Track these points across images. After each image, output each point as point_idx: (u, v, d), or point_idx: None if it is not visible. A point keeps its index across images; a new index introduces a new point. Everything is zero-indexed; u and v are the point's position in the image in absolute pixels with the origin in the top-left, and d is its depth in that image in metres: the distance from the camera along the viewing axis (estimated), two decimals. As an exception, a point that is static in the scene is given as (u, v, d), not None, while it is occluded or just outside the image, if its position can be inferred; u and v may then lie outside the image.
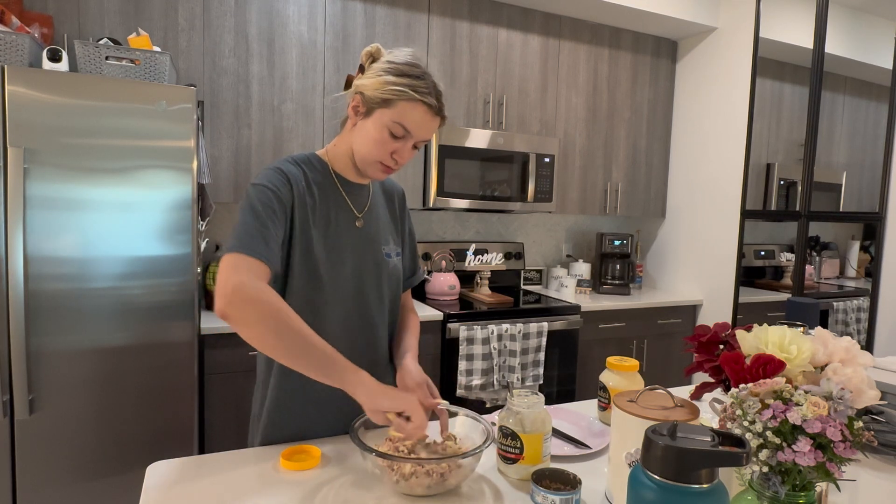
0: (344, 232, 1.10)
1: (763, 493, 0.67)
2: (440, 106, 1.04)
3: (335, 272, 1.09)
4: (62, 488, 1.79)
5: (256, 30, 2.34)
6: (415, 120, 1.02)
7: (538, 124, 2.96)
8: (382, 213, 1.20)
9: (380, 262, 1.15)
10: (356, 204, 1.14)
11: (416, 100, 1.00)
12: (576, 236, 3.56)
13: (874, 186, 2.44)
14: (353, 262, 1.11)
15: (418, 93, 1.00)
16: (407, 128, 1.02)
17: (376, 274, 1.14)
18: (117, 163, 1.78)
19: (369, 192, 1.18)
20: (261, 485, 0.93)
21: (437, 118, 1.05)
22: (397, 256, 1.20)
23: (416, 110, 1.01)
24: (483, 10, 2.77)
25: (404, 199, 1.28)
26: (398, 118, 1.01)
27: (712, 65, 3.11)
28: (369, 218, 1.15)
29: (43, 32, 1.93)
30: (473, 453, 0.88)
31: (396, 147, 1.04)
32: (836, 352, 0.80)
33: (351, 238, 1.11)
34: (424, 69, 1.04)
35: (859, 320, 2.51)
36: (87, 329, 1.79)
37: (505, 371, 2.53)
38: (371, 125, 1.03)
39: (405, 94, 1.00)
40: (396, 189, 1.27)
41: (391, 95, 1.00)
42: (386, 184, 1.25)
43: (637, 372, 1.22)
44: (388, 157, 1.05)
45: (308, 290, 1.07)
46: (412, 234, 1.30)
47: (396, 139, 1.03)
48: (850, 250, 2.60)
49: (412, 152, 1.07)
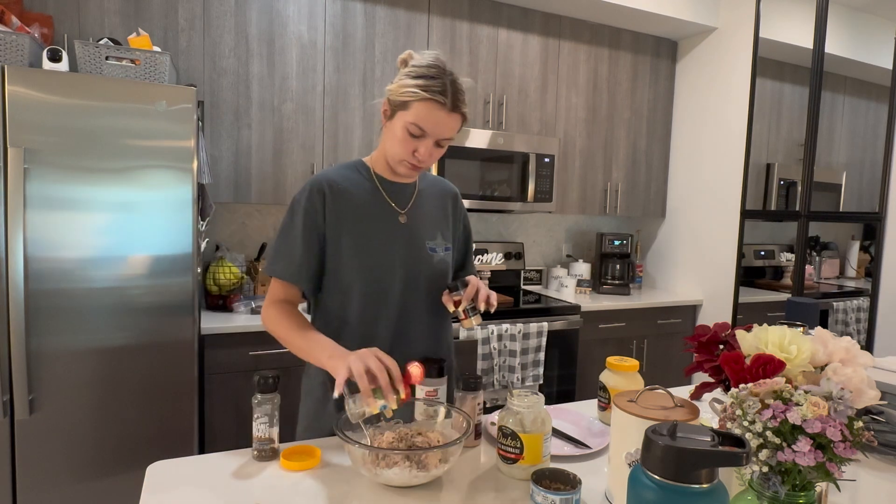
0: (385, 226, 1.18)
1: (763, 493, 0.67)
2: (455, 103, 1.08)
3: (376, 261, 1.16)
4: (62, 488, 1.79)
5: (256, 30, 2.34)
6: (428, 118, 1.07)
7: (538, 124, 2.96)
8: (431, 210, 1.27)
9: (423, 256, 1.21)
10: (398, 201, 1.21)
11: (427, 99, 1.06)
12: (576, 236, 3.56)
13: (874, 186, 2.44)
14: (400, 254, 1.18)
15: (429, 92, 1.05)
16: (422, 127, 1.07)
17: (419, 265, 1.20)
18: (117, 163, 1.78)
19: (413, 191, 1.25)
20: (261, 485, 0.93)
21: (454, 115, 1.09)
22: (445, 251, 1.26)
23: (427, 109, 1.06)
24: (483, 10, 2.77)
25: (457, 199, 1.34)
26: (413, 118, 1.07)
27: (712, 65, 3.11)
28: (414, 214, 1.22)
29: (43, 32, 1.93)
30: (454, 444, 0.88)
31: (417, 145, 1.10)
32: (836, 352, 0.80)
33: (394, 232, 1.19)
34: (443, 69, 1.09)
35: (859, 320, 2.51)
36: (87, 329, 1.79)
37: (505, 371, 2.53)
38: (395, 127, 1.10)
39: (417, 94, 1.06)
40: (450, 190, 1.34)
41: (407, 97, 1.07)
42: (440, 184, 1.33)
43: (637, 372, 1.23)
44: (411, 155, 1.11)
45: (349, 279, 1.16)
46: (468, 232, 1.37)
47: (415, 138, 1.09)
48: (850, 250, 2.60)
49: (436, 150, 1.12)
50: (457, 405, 1.07)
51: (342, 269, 1.16)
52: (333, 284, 1.18)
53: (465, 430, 0.95)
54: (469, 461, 1.04)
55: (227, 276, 2.30)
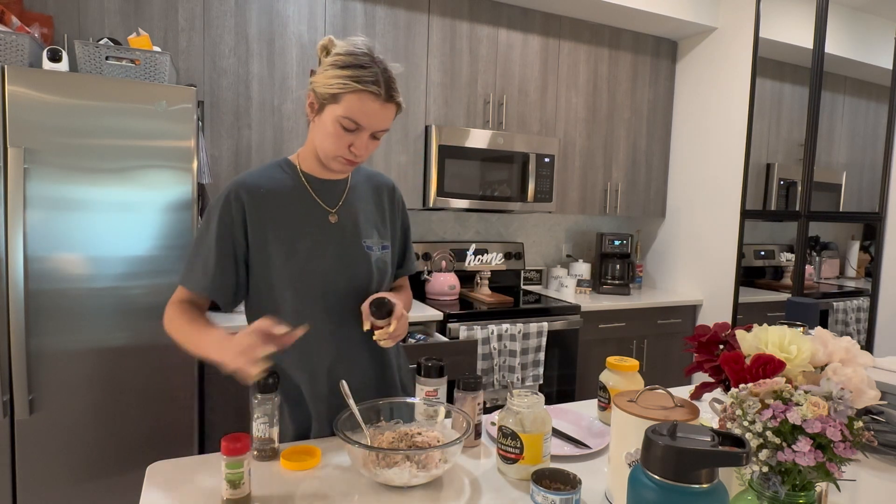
0: (315, 228, 1.11)
1: (763, 493, 0.67)
2: (389, 93, 1.02)
3: (307, 266, 1.10)
4: (62, 488, 1.79)
5: (256, 30, 2.34)
6: (362, 111, 1.00)
7: (538, 124, 2.96)
8: (365, 206, 1.19)
9: (359, 256, 1.14)
10: (328, 200, 1.14)
11: (360, 90, 0.99)
12: (576, 236, 3.56)
13: (874, 186, 2.44)
14: (332, 255, 1.12)
15: (362, 83, 0.99)
16: (356, 120, 1.01)
17: (355, 265, 1.14)
18: (117, 163, 1.78)
19: (345, 187, 1.18)
20: (261, 485, 0.93)
21: (389, 105, 1.03)
22: (383, 250, 1.19)
23: (361, 101, 1.00)
24: (483, 10, 2.77)
25: (394, 192, 1.27)
26: (346, 112, 1.00)
27: (712, 65, 3.11)
28: (345, 213, 1.15)
29: (43, 32, 1.93)
30: (454, 443, 0.88)
31: (352, 140, 1.04)
32: (836, 352, 0.80)
33: (325, 233, 1.12)
34: (372, 56, 1.02)
35: (859, 320, 2.51)
36: (87, 329, 1.79)
37: (505, 371, 2.53)
38: (325, 121, 1.04)
39: (349, 86, 0.99)
40: (386, 183, 1.26)
41: (337, 90, 1.00)
42: (375, 178, 1.25)
43: (637, 372, 1.22)
44: (347, 150, 1.05)
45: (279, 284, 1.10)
46: (406, 227, 1.29)
47: (350, 132, 1.03)
48: (850, 250, 2.60)
49: (372, 143, 1.07)
50: (457, 405, 1.07)
51: (272, 277, 1.09)
52: (264, 293, 1.11)
53: (465, 430, 0.95)
54: (469, 461, 1.04)
55: (227, 276, 2.30)
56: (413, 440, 0.98)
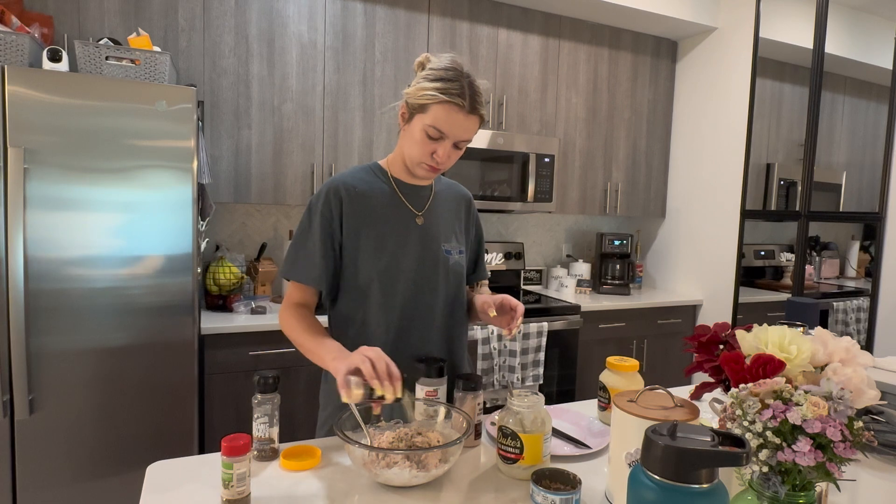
0: (402, 228, 1.20)
1: (763, 493, 0.67)
2: (474, 105, 1.09)
3: (393, 261, 1.18)
4: (62, 488, 1.79)
5: (256, 30, 2.34)
6: (447, 120, 1.08)
7: (538, 124, 2.96)
8: (446, 213, 1.28)
9: (439, 257, 1.23)
10: (415, 204, 1.23)
11: (444, 101, 1.06)
12: (576, 236, 3.56)
13: (874, 186, 2.44)
14: (414, 254, 1.20)
15: (447, 95, 1.06)
16: (440, 129, 1.08)
17: (435, 267, 1.22)
18: (117, 163, 1.78)
19: (430, 193, 1.26)
20: (261, 485, 0.93)
21: (472, 117, 1.10)
22: (459, 254, 1.27)
23: (445, 112, 1.07)
24: (483, 10, 2.77)
25: (471, 203, 1.36)
26: (431, 121, 1.08)
27: (712, 65, 3.11)
28: (430, 216, 1.24)
29: (43, 32, 1.93)
30: (454, 443, 0.88)
31: (435, 148, 1.11)
32: (836, 352, 0.80)
33: (411, 234, 1.20)
34: (461, 71, 1.10)
35: (859, 320, 2.51)
36: (87, 329, 1.79)
37: (505, 371, 2.53)
38: (413, 129, 1.12)
39: (435, 97, 1.07)
40: (464, 194, 1.35)
41: (425, 100, 1.08)
42: (454, 188, 1.34)
43: (637, 372, 1.22)
44: (430, 157, 1.12)
45: (366, 281, 1.18)
46: (480, 237, 1.39)
47: (434, 141, 1.10)
48: (850, 250, 2.60)
49: (454, 152, 1.14)
50: (457, 405, 1.07)
51: (360, 271, 1.18)
52: (351, 286, 1.19)
53: (465, 430, 0.95)
54: (469, 461, 1.04)
55: (226, 276, 2.30)
56: (413, 440, 0.98)
